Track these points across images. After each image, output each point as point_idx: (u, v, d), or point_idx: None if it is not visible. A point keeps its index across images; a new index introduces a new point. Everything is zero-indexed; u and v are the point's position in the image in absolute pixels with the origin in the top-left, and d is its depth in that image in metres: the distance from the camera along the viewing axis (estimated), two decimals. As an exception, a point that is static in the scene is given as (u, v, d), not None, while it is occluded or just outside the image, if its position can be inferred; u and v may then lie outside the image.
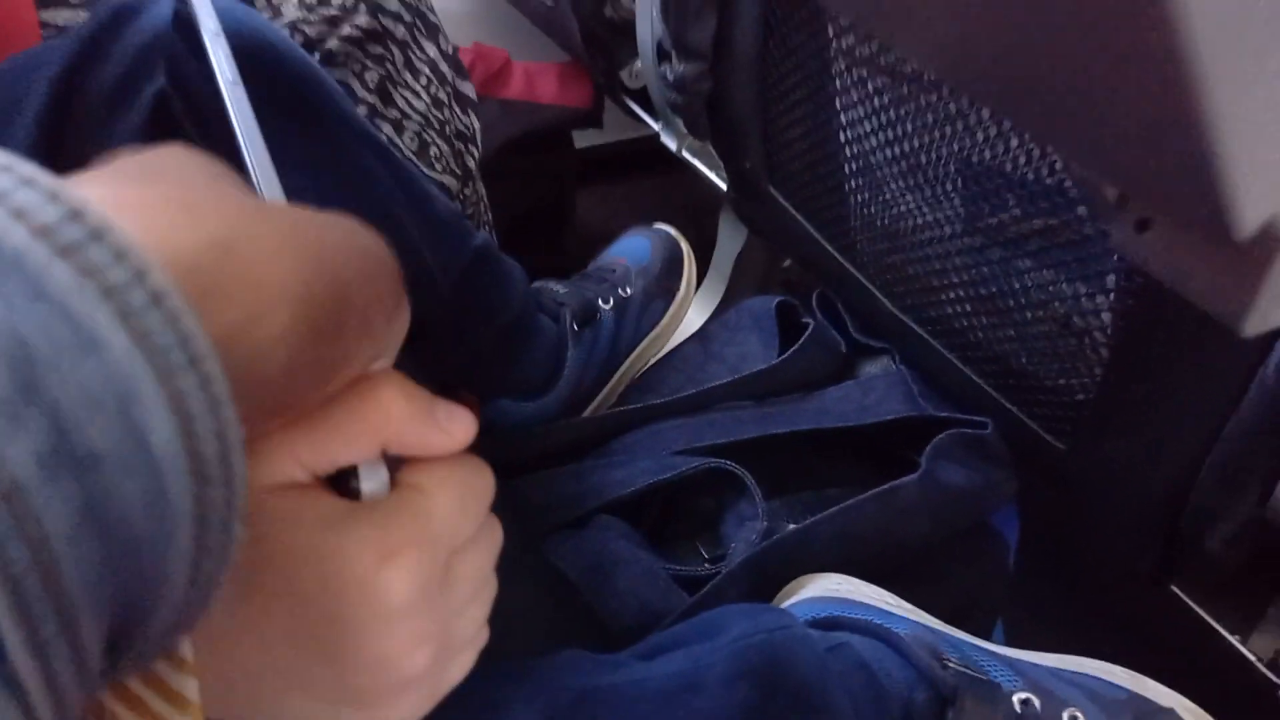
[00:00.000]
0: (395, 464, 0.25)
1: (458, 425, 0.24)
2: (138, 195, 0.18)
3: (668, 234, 0.91)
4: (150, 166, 0.22)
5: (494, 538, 0.27)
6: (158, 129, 0.46)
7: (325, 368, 0.21)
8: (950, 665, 0.49)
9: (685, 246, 0.90)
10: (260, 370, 0.19)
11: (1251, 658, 0.60)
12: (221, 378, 0.17)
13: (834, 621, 0.52)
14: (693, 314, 1.00)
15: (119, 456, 0.15)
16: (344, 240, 0.22)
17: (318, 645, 0.23)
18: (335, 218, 0.22)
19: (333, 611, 0.22)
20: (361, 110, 0.70)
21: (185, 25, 0.47)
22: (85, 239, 0.15)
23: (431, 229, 0.62)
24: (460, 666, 0.28)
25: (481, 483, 0.26)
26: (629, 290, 0.83)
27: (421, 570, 0.23)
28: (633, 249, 0.89)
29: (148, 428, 0.15)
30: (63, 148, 0.46)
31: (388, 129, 0.73)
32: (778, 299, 0.79)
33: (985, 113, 0.53)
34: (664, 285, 0.87)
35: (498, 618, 0.49)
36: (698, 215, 1.13)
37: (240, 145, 0.27)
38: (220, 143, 0.27)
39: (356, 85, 0.69)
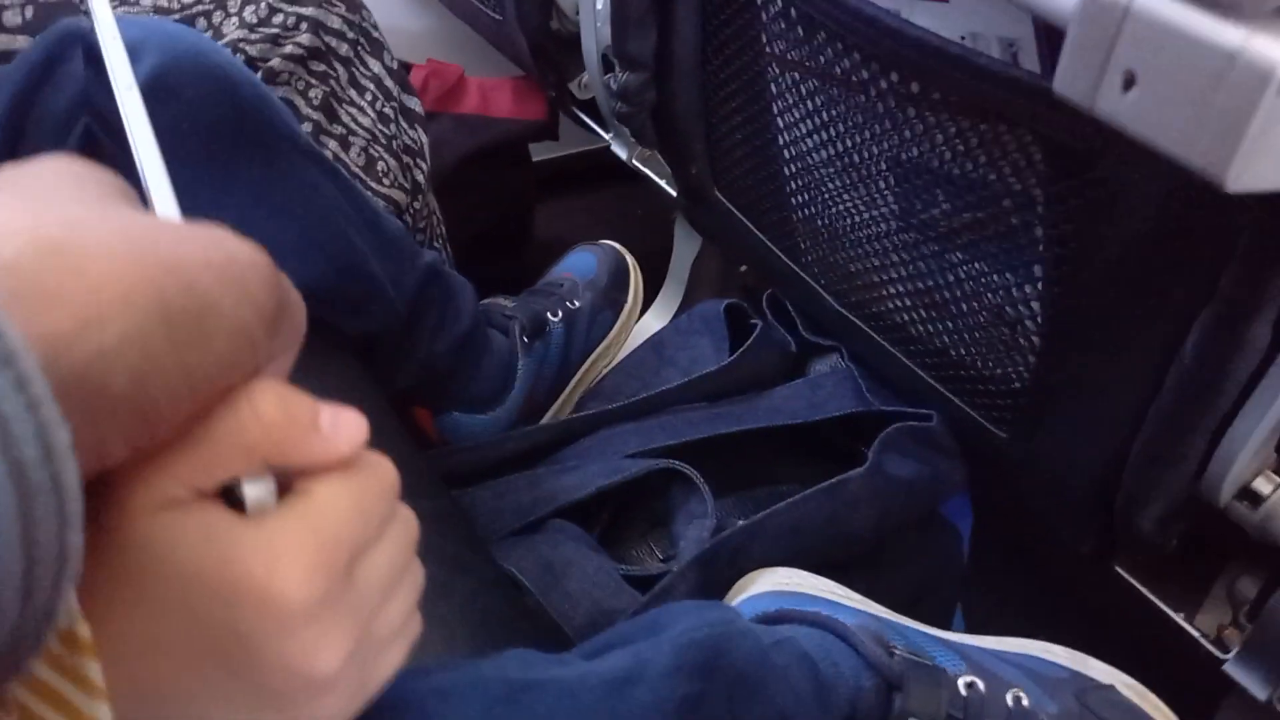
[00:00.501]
0: (287, 471, 0.24)
1: (343, 430, 0.24)
2: None
3: (613, 248, 0.93)
4: (8, 177, 0.22)
5: (406, 529, 0.27)
6: (91, 154, 0.46)
7: (192, 376, 0.21)
8: (897, 653, 0.50)
9: (630, 259, 0.92)
10: (103, 375, 0.18)
11: (1196, 634, 0.61)
12: (40, 378, 0.16)
13: (782, 615, 0.53)
14: (652, 321, 1.01)
15: None
16: (206, 247, 0.21)
17: (223, 659, 0.23)
18: (198, 227, 0.22)
19: (230, 624, 0.22)
20: (306, 128, 0.71)
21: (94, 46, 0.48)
22: None
23: (382, 247, 0.63)
24: (389, 661, 0.28)
25: (380, 477, 0.25)
26: (577, 303, 0.84)
27: (317, 574, 0.22)
28: (579, 264, 0.91)
29: None
30: None
31: (333, 145, 0.73)
32: (727, 302, 0.80)
33: (910, 111, 0.54)
34: (611, 297, 0.88)
35: (443, 624, 0.50)
36: (656, 223, 1.14)
37: (132, 152, 0.26)
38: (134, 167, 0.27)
39: (300, 103, 0.70)
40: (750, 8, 0.62)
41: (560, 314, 0.82)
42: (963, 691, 0.47)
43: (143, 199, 0.26)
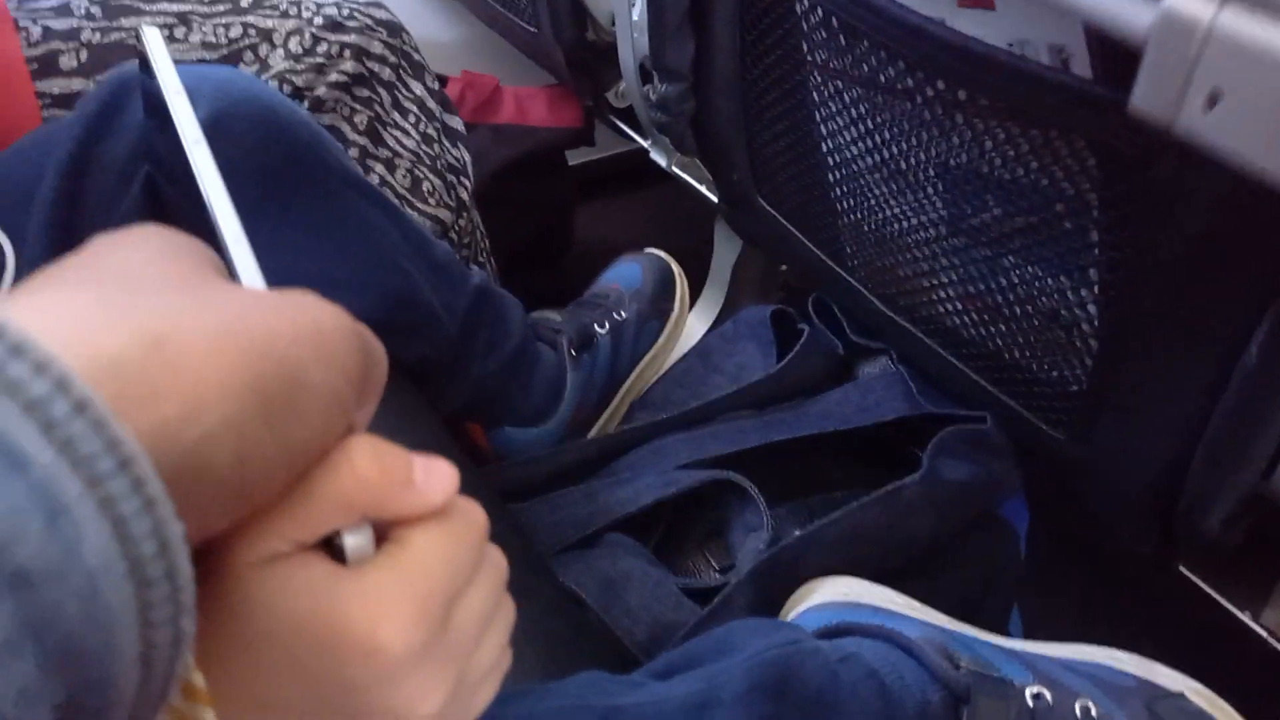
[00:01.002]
0: (384, 520, 0.25)
1: (436, 482, 0.24)
2: (67, 299, 0.19)
3: (658, 257, 0.93)
4: (93, 264, 0.22)
5: (496, 569, 0.28)
6: (152, 205, 0.48)
7: (288, 449, 0.21)
8: (962, 665, 0.49)
9: (676, 267, 0.92)
10: (205, 461, 0.19)
11: (1263, 633, 0.60)
12: (154, 478, 0.17)
13: (844, 628, 0.53)
14: (695, 324, 1.02)
15: (50, 570, 0.15)
16: (295, 319, 0.22)
17: (331, 709, 0.23)
18: (286, 296, 0.23)
19: (336, 675, 0.23)
20: (353, 153, 0.72)
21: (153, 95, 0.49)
22: (5, 356, 0.15)
23: (433, 273, 0.64)
24: (483, 697, 0.29)
25: (471, 524, 0.26)
26: (624, 314, 0.85)
27: (419, 624, 0.23)
28: (625, 274, 0.91)
29: (78, 538, 0.15)
30: (75, 230, 0.47)
31: (380, 169, 0.74)
32: (772, 308, 0.80)
33: (958, 117, 0.54)
34: (658, 306, 0.88)
35: (513, 649, 0.50)
36: (696, 223, 1.14)
37: (207, 208, 0.26)
38: (202, 216, 0.28)
39: (346, 129, 0.71)
40: (790, 17, 0.62)
41: (607, 326, 0.83)
42: (1030, 703, 0.47)
43: (218, 250, 0.26)
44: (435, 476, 0.24)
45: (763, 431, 0.69)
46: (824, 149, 0.66)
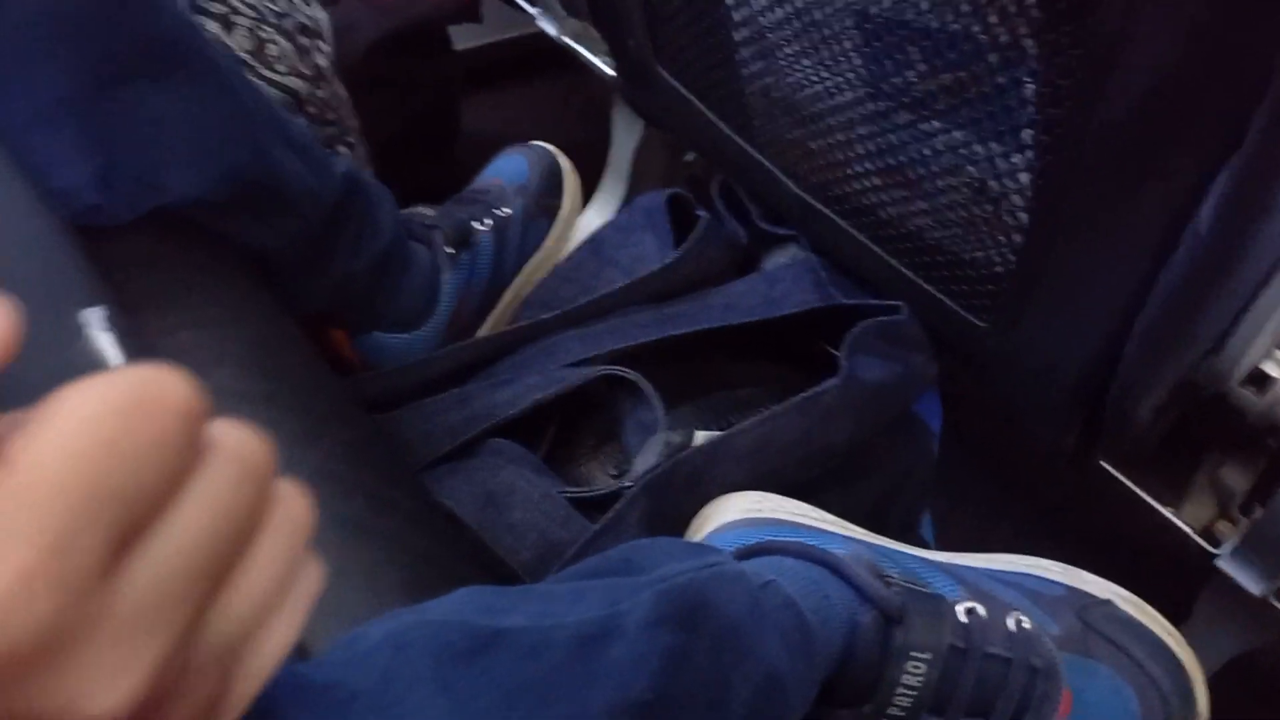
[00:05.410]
0: None
1: None
2: None
3: (544, 149, 0.84)
4: None
5: (233, 462, 0.19)
6: None
7: None
8: (893, 582, 0.45)
9: (565, 161, 0.84)
10: None
11: (1185, 528, 0.58)
12: None
13: (763, 547, 0.47)
14: (593, 219, 0.94)
15: None
16: None
17: None
18: None
19: None
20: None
21: None
22: None
23: (292, 150, 0.54)
24: (270, 644, 0.20)
25: (141, 401, 0.16)
26: (507, 210, 0.76)
27: (32, 594, 0.15)
28: (508, 168, 0.82)
29: None
30: None
31: (213, 27, 0.63)
32: (670, 192, 0.73)
33: (881, -48, 0.47)
34: (545, 203, 0.80)
35: (367, 571, 0.43)
36: (592, 116, 1.05)
37: None
38: None
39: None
40: None
41: (489, 222, 0.74)
42: (963, 618, 0.43)
43: None
44: None
45: (660, 326, 0.62)
46: (729, 1, 0.58)
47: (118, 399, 0.16)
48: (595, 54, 0.83)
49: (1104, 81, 0.41)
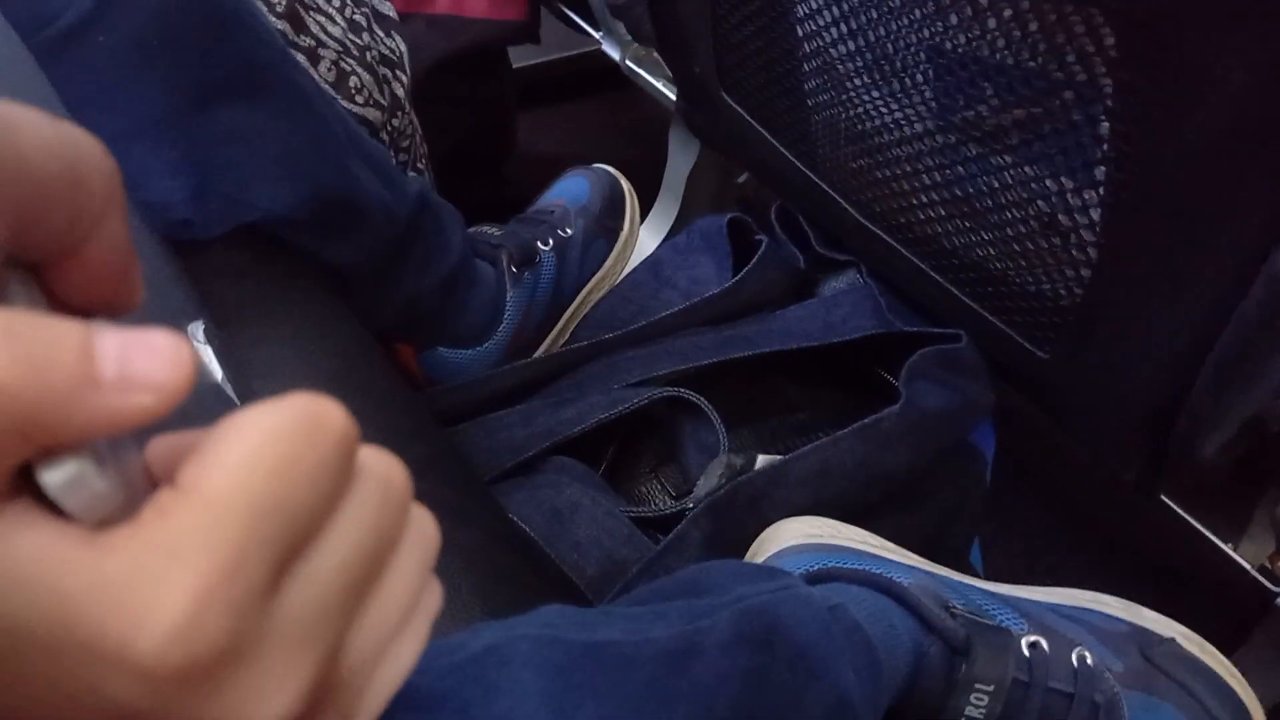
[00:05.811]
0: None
1: (144, 369, 0.15)
2: None
3: (606, 172, 0.85)
4: None
5: (379, 490, 0.20)
6: None
7: None
8: (958, 614, 0.45)
9: (625, 184, 0.85)
10: None
11: (1245, 564, 0.57)
12: None
13: (827, 574, 0.48)
14: (646, 239, 0.95)
15: None
16: None
17: None
18: None
19: (101, 694, 0.15)
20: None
21: None
22: None
23: (373, 172, 0.57)
24: (397, 659, 0.21)
25: (311, 431, 0.17)
26: (569, 230, 0.77)
27: (209, 615, 0.15)
28: (571, 189, 0.83)
29: None
30: None
31: (300, 60, 0.65)
32: (729, 216, 0.74)
33: (957, -11, 0.47)
34: (605, 224, 0.82)
35: (450, 585, 0.44)
36: (648, 135, 1.07)
37: None
38: None
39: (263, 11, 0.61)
40: (766, -126, 0.54)
41: (551, 242, 0.76)
42: (1027, 652, 0.43)
43: None
44: (143, 360, 0.15)
45: (720, 348, 0.63)
46: (799, 34, 0.59)
47: (287, 426, 0.17)
48: (656, 78, 0.84)
49: (1182, 120, 0.41)
